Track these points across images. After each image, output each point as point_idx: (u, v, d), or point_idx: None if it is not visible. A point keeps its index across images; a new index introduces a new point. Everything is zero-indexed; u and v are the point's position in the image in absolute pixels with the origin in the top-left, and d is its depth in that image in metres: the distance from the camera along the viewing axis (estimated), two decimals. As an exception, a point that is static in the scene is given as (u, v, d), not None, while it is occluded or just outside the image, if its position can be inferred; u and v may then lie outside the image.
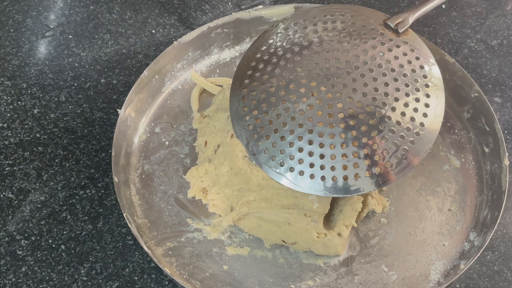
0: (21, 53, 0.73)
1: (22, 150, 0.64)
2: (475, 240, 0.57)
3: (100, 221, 0.59)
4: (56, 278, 0.56)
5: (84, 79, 0.71)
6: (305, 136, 0.49)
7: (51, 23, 0.77)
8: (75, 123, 0.67)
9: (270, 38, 0.53)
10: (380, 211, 0.59)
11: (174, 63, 0.69)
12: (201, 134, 0.62)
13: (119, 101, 0.69)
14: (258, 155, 0.50)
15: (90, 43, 0.75)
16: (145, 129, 0.65)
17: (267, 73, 0.51)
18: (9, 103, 0.68)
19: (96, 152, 0.64)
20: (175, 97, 0.68)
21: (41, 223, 0.59)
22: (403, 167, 0.49)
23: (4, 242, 0.58)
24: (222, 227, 0.58)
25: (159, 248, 0.57)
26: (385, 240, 0.58)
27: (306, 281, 0.55)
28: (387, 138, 0.48)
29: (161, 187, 0.61)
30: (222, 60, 0.72)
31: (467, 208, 0.60)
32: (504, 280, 0.57)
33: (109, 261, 0.57)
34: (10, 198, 0.61)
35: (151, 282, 0.56)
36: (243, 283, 0.55)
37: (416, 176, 0.62)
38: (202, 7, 0.81)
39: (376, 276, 0.56)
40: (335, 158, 0.48)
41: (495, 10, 0.82)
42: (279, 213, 0.55)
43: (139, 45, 0.75)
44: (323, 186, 0.49)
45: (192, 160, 0.63)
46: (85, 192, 0.61)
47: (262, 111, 0.50)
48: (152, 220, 0.59)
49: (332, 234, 0.56)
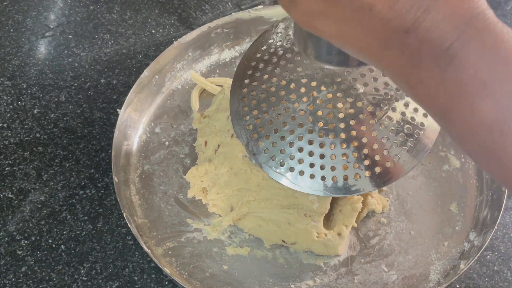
0: (21, 53, 0.73)
1: (22, 150, 0.64)
2: (475, 240, 0.57)
3: (100, 221, 0.59)
4: (56, 278, 0.56)
5: (84, 79, 0.71)
6: (305, 136, 0.49)
7: (51, 23, 0.77)
8: (75, 123, 0.67)
9: (270, 38, 0.53)
10: (380, 211, 0.59)
11: (174, 63, 0.69)
12: (201, 134, 0.62)
13: (119, 101, 0.69)
14: (258, 155, 0.50)
15: (90, 43, 0.75)
16: (145, 129, 0.65)
17: (267, 73, 0.51)
18: (9, 103, 0.68)
19: (96, 152, 0.64)
20: (175, 97, 0.68)
21: (41, 223, 0.59)
22: (403, 167, 0.49)
23: (4, 242, 0.58)
24: (222, 227, 0.58)
25: (159, 248, 0.57)
26: (385, 240, 0.58)
27: (306, 281, 0.55)
28: (388, 138, 0.48)
29: (161, 187, 0.61)
30: (222, 60, 0.72)
31: (467, 208, 0.60)
32: (504, 280, 0.57)
33: (109, 261, 0.57)
34: (10, 198, 0.61)
35: (151, 282, 0.56)
36: (243, 283, 0.55)
37: (416, 176, 0.62)
38: (202, 7, 0.81)
39: (376, 276, 0.56)
40: (335, 158, 0.48)
41: (495, 10, 0.82)
42: (279, 213, 0.55)
43: (139, 45, 0.75)
44: (323, 186, 0.49)
45: (192, 160, 0.63)
46: (85, 192, 0.61)
47: (262, 111, 0.50)
48: (152, 220, 0.59)
49: (332, 234, 0.56)
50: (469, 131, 0.33)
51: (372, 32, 0.33)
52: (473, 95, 0.31)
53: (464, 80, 0.31)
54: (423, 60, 0.32)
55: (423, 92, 0.33)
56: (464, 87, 0.31)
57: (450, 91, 0.32)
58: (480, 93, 0.31)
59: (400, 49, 0.32)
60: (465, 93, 0.31)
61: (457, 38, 0.31)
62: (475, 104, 0.31)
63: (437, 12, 0.31)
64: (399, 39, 0.32)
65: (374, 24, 0.32)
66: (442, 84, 0.32)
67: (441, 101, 0.33)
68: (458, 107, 0.32)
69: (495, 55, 0.31)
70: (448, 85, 0.32)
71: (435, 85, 0.32)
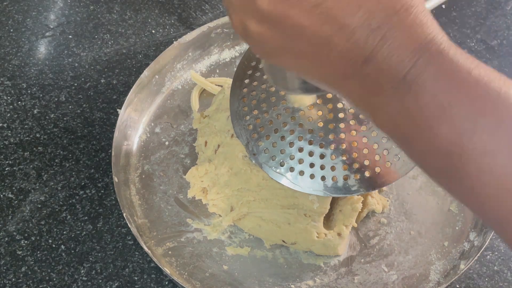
0: (21, 53, 0.73)
1: (22, 150, 0.64)
2: (475, 240, 0.57)
3: (100, 221, 0.59)
4: (56, 278, 0.56)
5: (84, 79, 0.71)
6: (305, 136, 0.49)
7: (51, 23, 0.77)
8: (75, 123, 0.67)
9: (270, 38, 0.53)
10: (380, 211, 0.59)
11: (174, 63, 0.69)
12: (201, 134, 0.62)
13: (119, 101, 0.69)
14: (258, 155, 0.50)
15: (90, 43, 0.75)
16: (145, 129, 0.65)
17: (267, 73, 0.51)
18: (9, 103, 0.68)
19: (96, 152, 0.64)
20: (175, 97, 0.68)
21: (41, 223, 0.59)
22: (403, 167, 0.49)
23: (4, 242, 0.58)
24: (222, 227, 0.58)
25: (159, 248, 0.57)
26: (385, 240, 0.58)
27: (306, 281, 0.55)
28: (388, 138, 0.48)
29: (161, 187, 0.61)
30: (222, 60, 0.72)
31: (467, 208, 0.60)
32: (504, 280, 0.57)
33: (109, 261, 0.57)
34: (10, 198, 0.61)
35: (151, 282, 0.56)
36: (243, 283, 0.55)
37: (416, 176, 0.62)
38: (202, 7, 0.81)
39: (376, 276, 0.56)
40: (335, 158, 0.48)
41: (495, 10, 0.82)
42: (279, 213, 0.55)
43: (139, 45, 0.75)
44: (323, 186, 0.49)
45: (192, 160, 0.63)
46: (85, 192, 0.61)
47: (262, 111, 0.50)
48: (152, 220, 0.58)
49: (332, 234, 0.56)
50: (429, 155, 0.33)
51: (331, 65, 0.33)
52: (431, 121, 0.31)
53: (422, 107, 0.31)
54: (381, 89, 0.32)
55: (384, 119, 0.34)
56: (423, 114, 0.32)
57: (409, 118, 0.32)
58: (438, 118, 0.31)
59: (359, 79, 0.33)
60: (423, 119, 0.32)
61: (413, 64, 0.31)
62: (433, 129, 0.32)
63: (393, 40, 0.31)
64: (358, 69, 0.32)
65: (332, 57, 0.33)
66: (401, 111, 0.32)
67: (401, 128, 0.33)
68: (418, 133, 0.33)
69: (451, 79, 0.31)
70: (407, 112, 0.32)
71: (394, 112, 0.33)
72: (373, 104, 0.33)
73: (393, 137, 0.35)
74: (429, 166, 0.34)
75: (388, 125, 0.34)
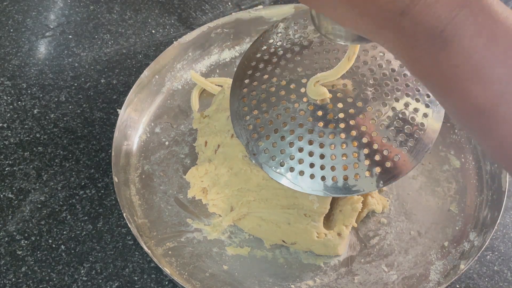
0: (21, 53, 0.73)
1: (22, 150, 0.64)
2: (475, 240, 0.57)
3: (100, 221, 0.59)
4: (56, 278, 0.56)
5: (84, 79, 0.71)
6: (305, 136, 0.49)
7: (51, 23, 0.77)
8: (75, 123, 0.67)
9: (270, 38, 0.53)
10: (380, 211, 0.59)
11: (174, 63, 0.69)
12: (201, 134, 0.62)
13: (119, 101, 0.69)
14: (258, 155, 0.50)
15: (90, 43, 0.75)
16: (145, 129, 0.65)
17: (267, 73, 0.51)
18: (9, 103, 0.68)
19: (96, 152, 0.64)
20: (175, 97, 0.68)
21: (41, 223, 0.59)
22: (403, 167, 0.49)
23: (4, 242, 0.58)
24: (222, 227, 0.58)
25: (159, 248, 0.57)
26: (385, 240, 0.58)
27: (306, 281, 0.55)
28: (388, 138, 0.48)
29: (161, 187, 0.61)
30: (222, 60, 0.72)
31: (467, 208, 0.60)
32: (504, 280, 0.57)
33: (109, 261, 0.57)
34: (10, 198, 0.61)
35: (151, 282, 0.56)
36: (243, 283, 0.55)
37: (416, 176, 0.62)
38: (202, 7, 0.81)
39: (376, 276, 0.56)
40: (336, 158, 0.48)
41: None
42: (279, 213, 0.55)
43: (139, 45, 0.75)
44: (323, 186, 0.49)
45: (192, 160, 0.63)
46: (85, 192, 0.61)
47: (262, 111, 0.50)
48: (152, 220, 0.59)
49: (332, 234, 0.56)
50: (462, 112, 0.34)
51: (369, 15, 0.34)
52: (465, 80, 0.32)
53: (457, 65, 0.32)
54: (417, 42, 0.33)
55: (420, 70, 0.34)
56: (456, 72, 0.32)
57: (443, 74, 0.33)
58: (471, 79, 0.32)
59: (395, 31, 0.33)
60: (457, 77, 0.32)
61: (450, 21, 0.31)
62: (467, 88, 0.32)
63: None
64: (395, 21, 0.33)
65: (370, 7, 0.33)
66: (436, 66, 0.33)
67: (433, 81, 0.34)
68: (449, 90, 0.33)
69: (489, 39, 0.31)
70: (440, 68, 0.32)
71: (428, 66, 0.33)
72: (408, 55, 0.34)
73: (428, 88, 0.36)
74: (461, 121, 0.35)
75: (423, 76, 0.34)
